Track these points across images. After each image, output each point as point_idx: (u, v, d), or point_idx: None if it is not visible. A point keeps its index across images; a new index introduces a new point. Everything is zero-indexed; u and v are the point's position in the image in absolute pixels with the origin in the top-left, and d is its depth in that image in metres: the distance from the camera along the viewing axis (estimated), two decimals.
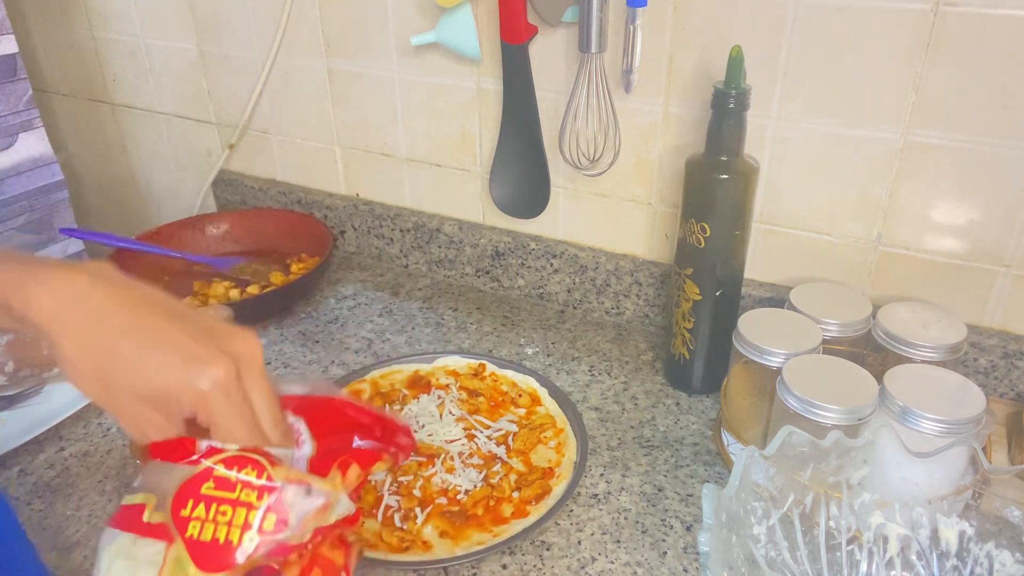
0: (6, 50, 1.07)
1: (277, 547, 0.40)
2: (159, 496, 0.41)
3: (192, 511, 0.40)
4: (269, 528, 0.40)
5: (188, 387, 0.41)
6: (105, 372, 0.42)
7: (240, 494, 0.41)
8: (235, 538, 0.40)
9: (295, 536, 0.41)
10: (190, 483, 0.41)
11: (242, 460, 0.42)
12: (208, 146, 1.24)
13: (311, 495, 0.42)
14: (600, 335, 0.96)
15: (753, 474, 0.54)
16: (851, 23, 0.73)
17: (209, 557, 0.39)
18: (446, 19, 0.89)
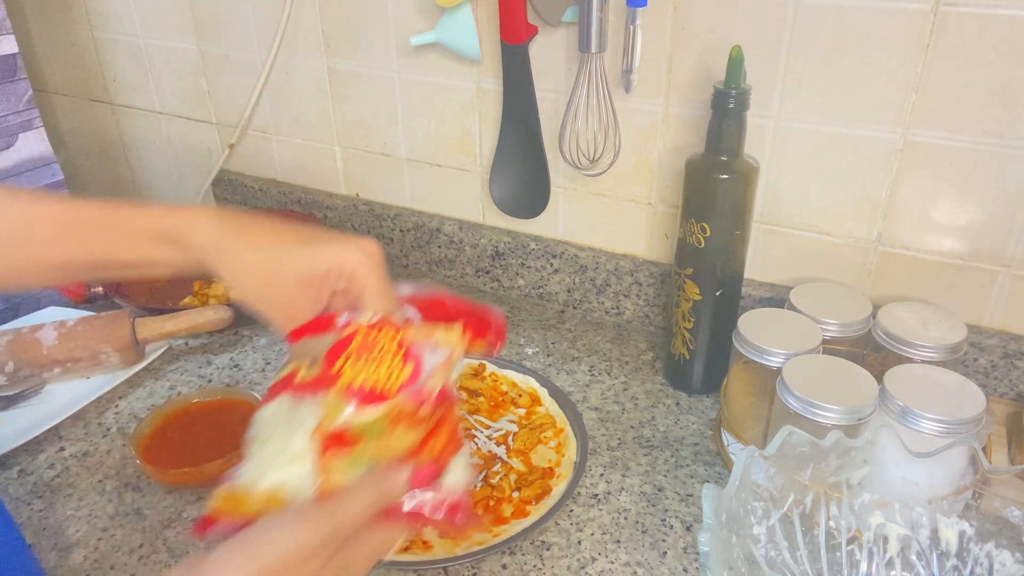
0: (6, 50, 1.07)
1: (414, 394, 0.47)
2: (310, 359, 0.48)
3: (343, 365, 0.47)
4: (405, 377, 0.47)
5: (351, 256, 0.50)
6: (269, 270, 0.50)
7: (381, 350, 0.48)
8: (380, 384, 0.47)
9: (427, 386, 0.48)
10: (338, 344, 0.48)
11: (380, 323, 0.49)
12: (208, 146, 1.24)
13: (436, 351, 0.49)
14: (600, 335, 0.96)
15: (753, 474, 0.54)
16: (851, 23, 0.73)
17: (364, 398, 0.46)
18: (446, 19, 0.89)
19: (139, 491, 0.73)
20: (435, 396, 0.48)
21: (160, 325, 0.88)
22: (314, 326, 0.51)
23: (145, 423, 0.75)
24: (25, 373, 0.84)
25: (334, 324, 0.50)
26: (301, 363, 0.49)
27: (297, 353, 0.50)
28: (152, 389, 0.87)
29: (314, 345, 0.49)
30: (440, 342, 0.50)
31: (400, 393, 0.47)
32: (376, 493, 0.45)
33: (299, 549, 0.40)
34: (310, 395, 0.47)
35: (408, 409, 0.47)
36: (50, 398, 0.84)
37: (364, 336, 0.48)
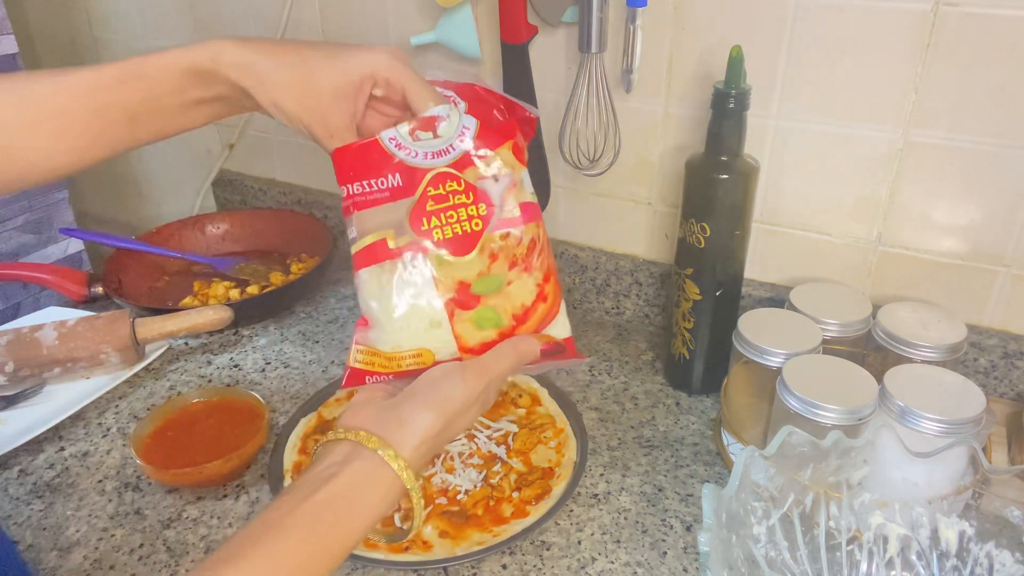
0: (6, 50, 1.07)
1: (498, 223, 0.53)
2: (394, 227, 0.52)
3: (430, 224, 0.52)
4: (484, 213, 0.53)
5: (381, 62, 0.54)
6: (304, 87, 0.53)
7: (454, 200, 0.53)
8: (467, 227, 0.53)
9: (506, 211, 0.53)
10: (416, 207, 0.52)
11: (443, 176, 0.53)
12: (208, 146, 1.24)
13: (499, 181, 0.54)
14: (600, 335, 0.96)
15: (753, 474, 0.54)
16: (851, 23, 0.73)
17: (458, 246, 0.52)
18: (446, 19, 0.89)
19: (139, 491, 0.73)
20: (518, 216, 0.54)
21: (160, 325, 0.88)
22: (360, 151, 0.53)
23: (145, 423, 0.75)
24: (25, 373, 0.84)
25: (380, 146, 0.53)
26: (383, 232, 0.52)
27: (363, 225, 0.53)
28: (152, 389, 0.87)
29: (386, 214, 0.53)
30: (498, 170, 0.54)
31: (486, 229, 0.53)
32: (516, 356, 0.53)
33: (466, 399, 0.51)
34: (410, 256, 0.52)
35: (496, 239, 0.53)
36: (50, 398, 0.84)
37: (436, 193, 0.53)
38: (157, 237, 1.09)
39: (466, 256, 0.52)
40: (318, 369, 0.90)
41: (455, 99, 0.56)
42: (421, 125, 0.54)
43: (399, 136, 0.54)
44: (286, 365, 0.91)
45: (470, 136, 0.54)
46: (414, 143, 0.54)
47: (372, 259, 0.53)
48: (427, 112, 0.54)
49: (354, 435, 0.48)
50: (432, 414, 0.50)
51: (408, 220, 0.52)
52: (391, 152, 0.53)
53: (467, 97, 0.57)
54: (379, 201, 0.53)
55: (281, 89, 0.53)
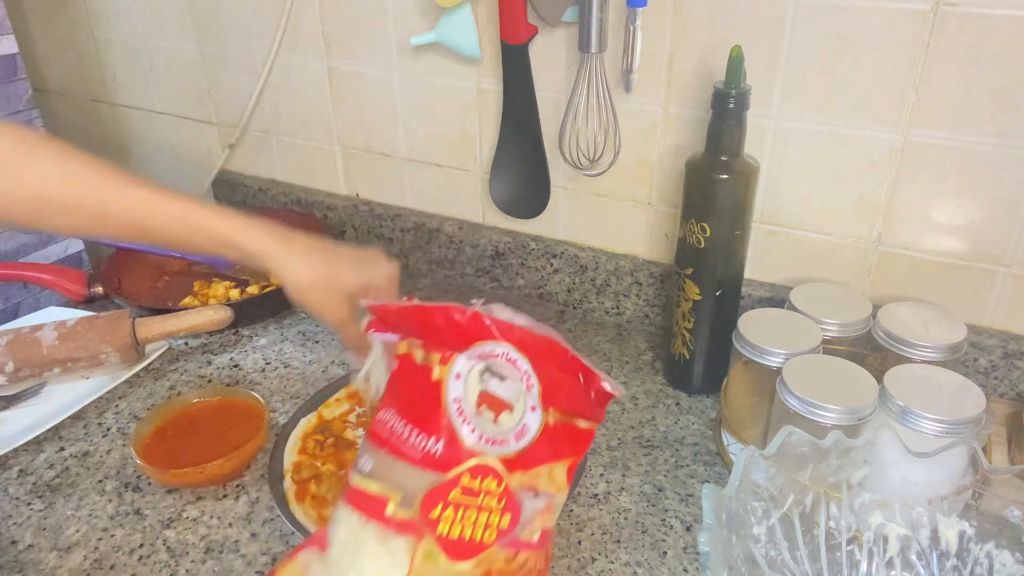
0: (6, 50, 1.07)
1: (512, 542, 0.47)
2: (404, 494, 0.47)
3: (441, 513, 0.46)
4: (505, 526, 0.47)
5: (381, 276, 0.63)
6: (324, 285, 0.61)
7: (483, 500, 0.47)
8: (479, 536, 0.46)
9: (526, 533, 0.48)
10: (439, 489, 0.46)
11: (486, 471, 0.47)
12: (208, 146, 1.24)
13: (538, 497, 0.48)
14: (600, 335, 0.96)
15: (753, 474, 0.54)
16: (851, 23, 0.73)
17: (457, 550, 0.46)
18: (446, 19, 0.89)
19: (139, 491, 0.73)
20: (535, 542, 0.48)
21: (160, 325, 0.88)
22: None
23: (145, 423, 0.75)
24: (25, 373, 0.84)
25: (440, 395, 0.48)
26: (390, 491, 0.47)
27: (383, 470, 0.48)
28: (152, 389, 0.87)
29: (407, 476, 0.47)
30: (543, 486, 0.48)
31: (496, 544, 0.46)
32: None
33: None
34: (401, 537, 0.46)
35: (501, 560, 0.47)
36: (50, 398, 0.84)
37: (469, 485, 0.47)
38: None
39: (459, 563, 0.46)
40: (318, 369, 0.90)
41: (529, 377, 0.49)
42: (487, 400, 0.48)
43: (464, 398, 0.48)
44: (286, 365, 0.91)
45: (531, 435, 0.48)
46: (476, 416, 0.48)
47: (363, 508, 0.47)
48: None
49: None
50: None
51: (423, 497, 0.46)
52: (449, 408, 0.47)
53: (543, 363, 0.50)
54: (407, 458, 0.47)
55: (305, 286, 0.61)
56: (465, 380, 0.48)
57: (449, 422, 0.47)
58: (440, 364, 0.49)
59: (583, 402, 0.51)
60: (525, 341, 0.50)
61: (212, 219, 0.60)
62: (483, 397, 0.48)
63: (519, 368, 0.49)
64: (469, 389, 0.48)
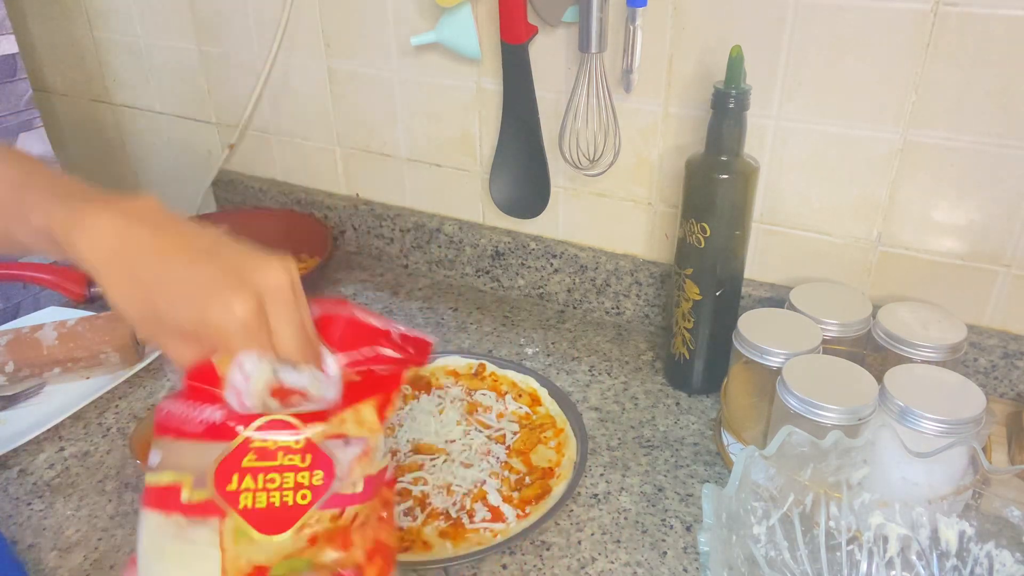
0: (6, 50, 1.07)
1: (332, 498, 0.42)
2: (195, 475, 0.41)
3: (240, 484, 0.41)
4: (318, 483, 0.42)
5: (211, 326, 0.43)
6: (147, 310, 0.45)
7: (282, 459, 0.41)
8: (289, 499, 0.41)
9: (346, 485, 0.42)
10: (229, 459, 0.41)
11: (277, 423, 0.42)
12: (208, 146, 1.24)
13: (349, 444, 0.43)
14: (600, 335, 0.96)
15: (753, 474, 0.54)
16: (851, 23, 0.73)
17: (269, 521, 0.41)
18: (446, 19, 0.89)
19: (139, 491, 0.72)
20: (359, 493, 0.43)
21: None
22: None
23: (145, 423, 0.75)
24: (25, 373, 0.84)
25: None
26: (181, 475, 0.42)
27: (170, 458, 0.43)
28: (152, 389, 0.87)
29: (192, 454, 0.42)
30: (352, 431, 0.43)
31: (314, 505, 0.41)
32: None
33: None
34: (203, 521, 0.41)
35: (326, 520, 0.42)
36: (50, 398, 0.84)
37: (261, 444, 0.41)
38: None
39: (277, 536, 0.40)
40: None
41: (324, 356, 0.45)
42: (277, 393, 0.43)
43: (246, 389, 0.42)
44: None
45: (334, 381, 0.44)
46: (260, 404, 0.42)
47: (160, 504, 0.42)
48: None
49: None
50: None
51: (214, 471, 0.41)
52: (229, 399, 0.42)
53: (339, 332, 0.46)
54: (190, 435, 0.42)
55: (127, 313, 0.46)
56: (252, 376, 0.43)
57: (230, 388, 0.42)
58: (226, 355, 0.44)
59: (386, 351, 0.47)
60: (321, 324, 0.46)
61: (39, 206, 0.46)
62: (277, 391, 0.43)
63: None
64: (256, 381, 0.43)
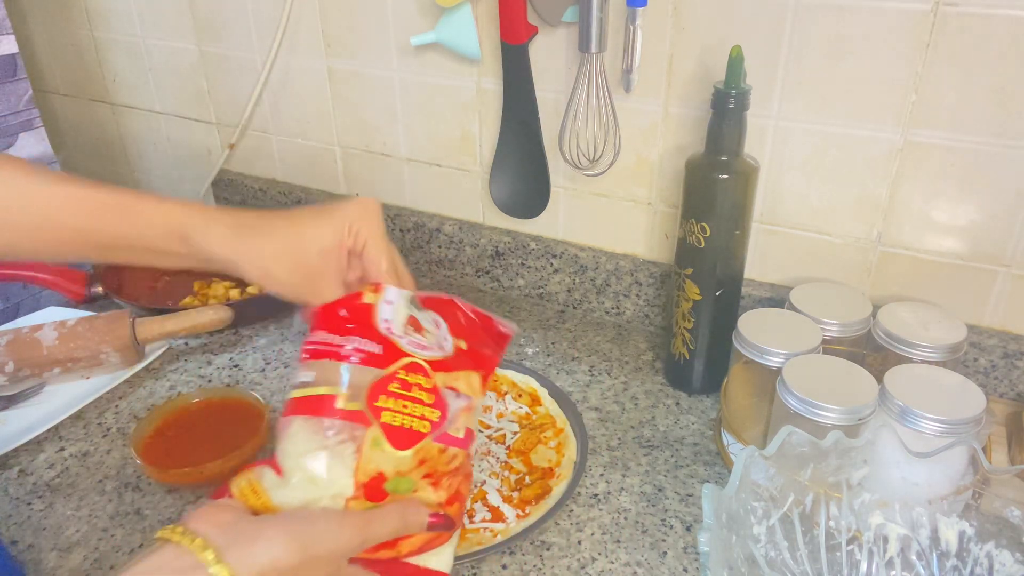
0: (6, 50, 1.07)
1: (443, 435, 0.52)
2: (351, 389, 0.51)
3: (385, 403, 0.51)
4: (436, 419, 0.52)
5: (352, 213, 0.55)
6: (292, 252, 0.54)
7: (415, 393, 0.52)
8: (415, 426, 0.51)
9: (453, 429, 0.53)
10: (380, 382, 0.51)
11: (417, 368, 0.53)
12: (208, 146, 1.24)
13: (459, 397, 0.54)
14: (600, 335, 0.96)
15: (753, 474, 0.54)
16: (851, 23, 0.73)
17: (399, 438, 0.50)
18: (446, 19, 0.89)
19: (139, 491, 0.73)
20: (461, 438, 0.54)
21: (160, 325, 0.88)
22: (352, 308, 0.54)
23: (145, 423, 0.75)
24: (25, 373, 0.84)
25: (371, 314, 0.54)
26: (335, 388, 0.51)
27: (322, 375, 0.52)
28: (152, 389, 0.87)
29: (352, 373, 0.52)
30: (463, 388, 0.55)
31: (430, 435, 0.52)
32: (401, 524, 0.50)
33: (335, 548, 0.46)
34: (351, 426, 0.50)
35: (435, 451, 0.52)
36: (50, 398, 0.84)
37: (404, 378, 0.52)
38: None
39: (401, 451, 0.50)
40: None
41: (437, 320, 0.58)
42: (413, 324, 0.55)
43: (393, 319, 0.54)
44: (286, 365, 0.91)
45: (449, 349, 0.56)
46: (404, 335, 0.54)
47: (312, 410, 0.51)
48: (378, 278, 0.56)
49: (189, 540, 0.42)
50: (293, 546, 0.44)
51: (368, 389, 0.51)
52: (380, 326, 0.54)
53: (447, 316, 0.58)
54: (347, 358, 0.52)
55: (272, 260, 0.54)
56: (395, 305, 0.55)
57: (379, 328, 0.53)
58: (372, 292, 0.55)
59: (483, 338, 0.60)
60: (430, 302, 0.59)
61: (162, 207, 0.54)
62: (411, 320, 0.55)
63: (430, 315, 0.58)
64: (398, 312, 0.55)
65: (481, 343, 0.59)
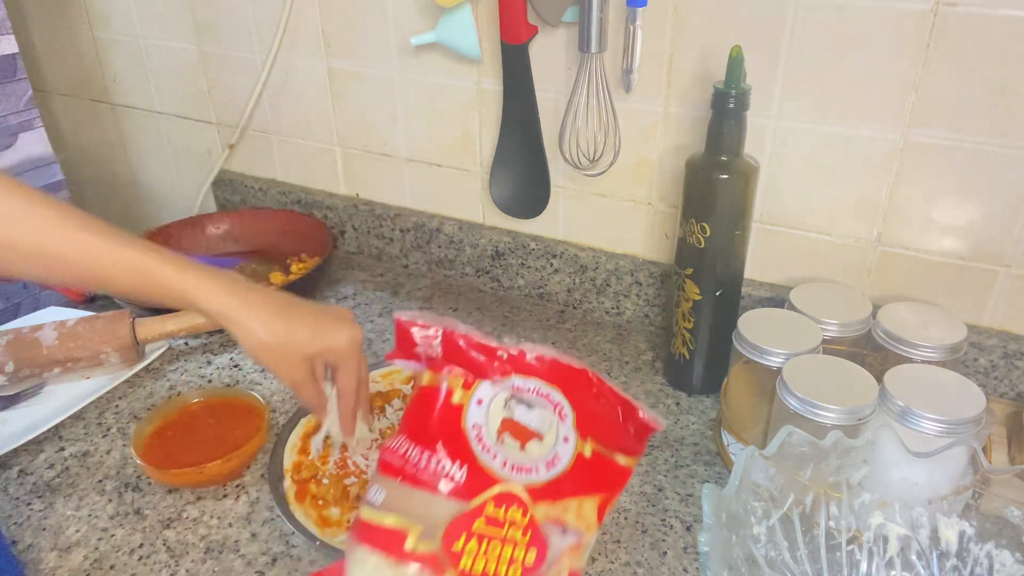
0: (6, 50, 1.07)
1: None
2: (425, 526, 0.44)
3: (464, 545, 0.43)
4: (530, 563, 0.44)
5: (340, 341, 0.62)
6: (279, 350, 0.60)
7: (507, 531, 0.44)
8: (503, 571, 0.43)
9: (552, 572, 0.45)
10: (463, 519, 0.44)
11: (511, 499, 0.44)
12: (208, 146, 1.24)
13: (566, 534, 0.45)
14: (600, 335, 0.96)
15: (753, 474, 0.54)
16: (851, 23, 0.73)
17: None
18: (446, 19, 0.89)
19: (139, 491, 0.73)
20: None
21: (160, 325, 0.88)
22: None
23: (145, 423, 0.75)
24: (25, 373, 0.84)
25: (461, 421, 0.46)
26: (409, 523, 0.44)
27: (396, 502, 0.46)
28: (152, 389, 0.87)
29: (425, 506, 0.45)
30: (571, 521, 0.46)
31: None
32: None
33: None
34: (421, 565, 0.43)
35: None
36: (50, 398, 0.84)
37: (493, 514, 0.44)
38: (157, 237, 1.09)
39: None
40: None
41: (562, 407, 0.47)
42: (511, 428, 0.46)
43: (485, 424, 0.45)
44: None
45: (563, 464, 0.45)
46: (498, 444, 0.45)
47: (377, 543, 0.44)
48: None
49: None
50: None
51: (445, 528, 0.43)
52: (468, 432, 0.45)
53: (578, 394, 0.47)
54: (425, 484, 0.44)
55: (260, 348, 0.60)
56: (488, 407, 0.46)
57: (469, 447, 0.45)
58: (462, 388, 0.47)
59: (621, 435, 0.49)
60: (558, 372, 0.48)
61: (170, 274, 0.58)
62: (506, 424, 0.46)
63: (551, 400, 0.47)
64: (491, 415, 0.46)
65: (614, 441, 0.48)
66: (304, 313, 0.62)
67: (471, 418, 0.46)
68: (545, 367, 0.47)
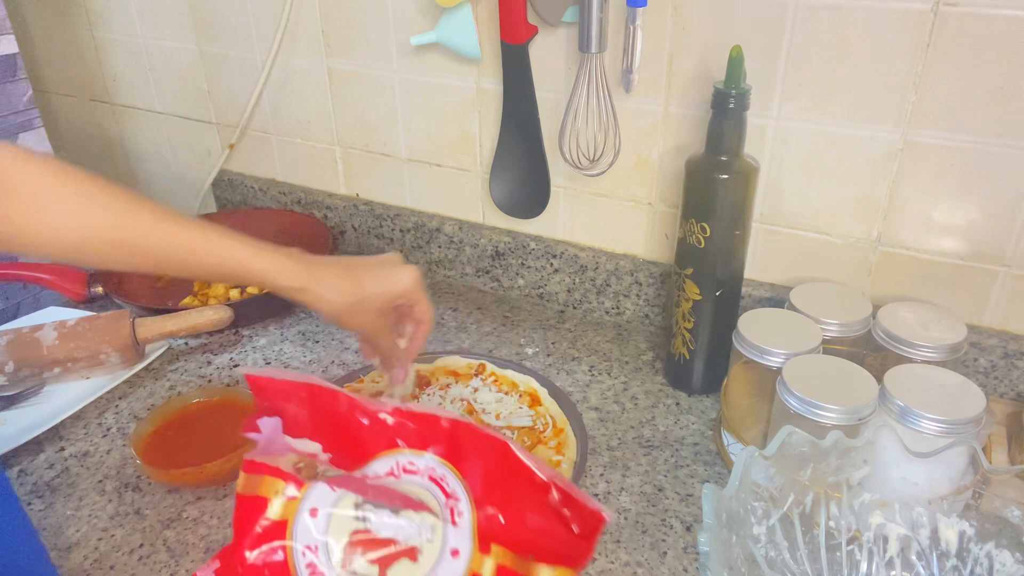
0: (6, 50, 1.07)
1: None
2: None
3: None
4: None
5: (408, 282, 0.67)
6: (355, 306, 0.65)
7: None
8: None
9: None
10: None
11: None
12: (208, 146, 1.24)
13: None
14: (600, 335, 0.96)
15: (753, 474, 0.54)
16: (851, 23, 0.73)
17: None
18: (446, 19, 0.89)
19: (139, 491, 0.73)
20: None
21: (160, 325, 0.88)
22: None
23: (145, 423, 0.75)
24: (25, 373, 0.84)
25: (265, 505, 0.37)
26: None
27: None
28: (152, 389, 0.87)
29: None
30: None
31: None
32: None
33: None
34: None
35: None
36: (50, 398, 0.84)
37: None
38: None
39: None
40: (318, 369, 0.90)
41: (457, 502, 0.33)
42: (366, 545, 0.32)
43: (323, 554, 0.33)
44: (286, 365, 0.91)
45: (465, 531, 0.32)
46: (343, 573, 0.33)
47: None
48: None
49: None
50: None
51: None
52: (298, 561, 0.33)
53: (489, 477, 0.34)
54: None
55: (337, 310, 0.64)
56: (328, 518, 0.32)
57: None
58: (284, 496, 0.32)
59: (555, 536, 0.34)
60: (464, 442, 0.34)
61: (249, 257, 0.62)
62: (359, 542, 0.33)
63: (443, 488, 0.33)
64: (333, 530, 0.32)
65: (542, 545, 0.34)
66: (364, 270, 0.66)
67: (300, 538, 0.33)
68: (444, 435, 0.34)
